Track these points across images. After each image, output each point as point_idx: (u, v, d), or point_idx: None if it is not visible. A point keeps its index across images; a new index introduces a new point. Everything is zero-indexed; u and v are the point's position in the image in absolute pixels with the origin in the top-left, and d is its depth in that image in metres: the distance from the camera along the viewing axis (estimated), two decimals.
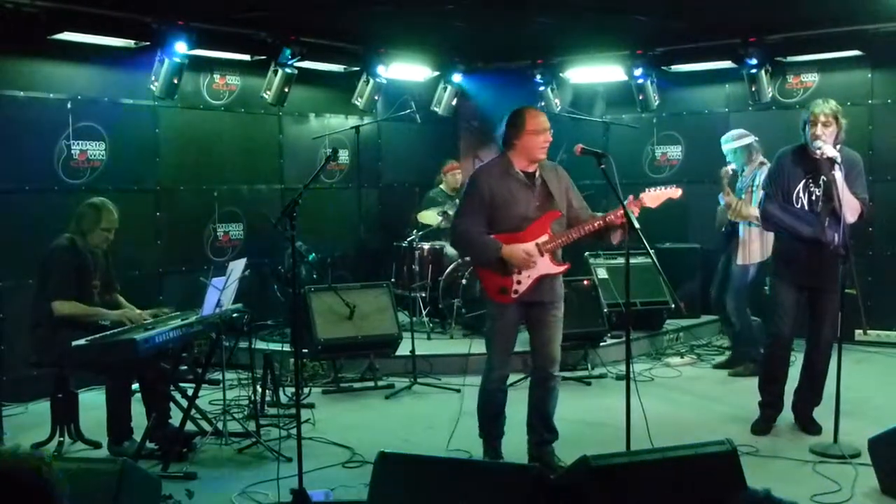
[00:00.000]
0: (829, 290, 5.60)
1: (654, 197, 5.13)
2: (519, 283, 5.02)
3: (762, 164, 7.21)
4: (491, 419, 5.25)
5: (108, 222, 5.77)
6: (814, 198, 5.54)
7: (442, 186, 9.47)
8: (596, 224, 5.06)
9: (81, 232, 5.73)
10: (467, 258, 8.50)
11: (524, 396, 5.36)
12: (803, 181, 5.56)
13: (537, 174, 5.15)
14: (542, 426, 5.28)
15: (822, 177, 5.50)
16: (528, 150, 5.07)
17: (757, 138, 7.41)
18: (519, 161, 5.09)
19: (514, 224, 5.03)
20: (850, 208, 5.36)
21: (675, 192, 5.15)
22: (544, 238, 5.07)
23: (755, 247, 7.20)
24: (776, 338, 5.82)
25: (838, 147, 5.46)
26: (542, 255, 5.03)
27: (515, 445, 5.32)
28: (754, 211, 6.86)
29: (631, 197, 5.04)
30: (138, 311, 5.87)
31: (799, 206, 5.57)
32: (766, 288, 5.90)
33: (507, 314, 5.07)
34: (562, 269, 5.18)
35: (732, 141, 7.41)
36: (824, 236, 5.48)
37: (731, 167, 7.38)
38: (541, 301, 5.12)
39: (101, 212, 5.76)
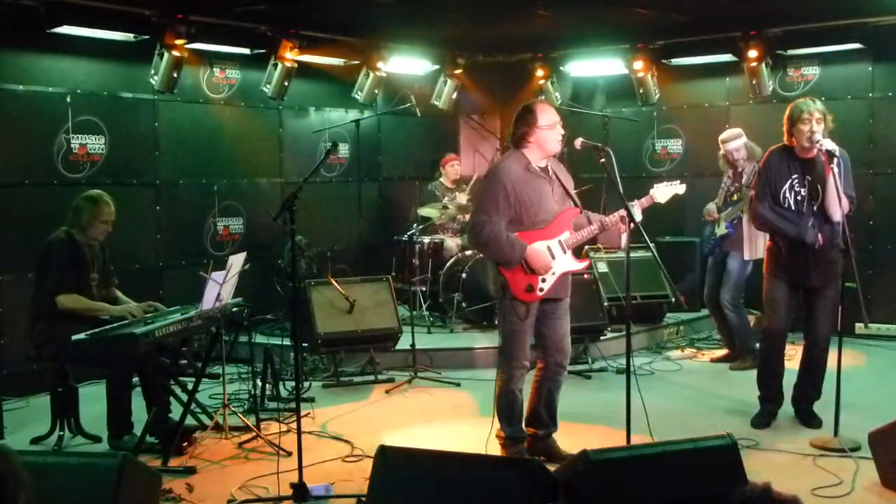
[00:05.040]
0: (821, 287, 5.63)
1: (663, 192, 5.18)
2: (544, 280, 5.01)
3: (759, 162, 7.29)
4: (518, 417, 5.21)
5: (104, 215, 5.76)
6: (799, 198, 5.57)
7: (441, 179, 9.47)
8: (612, 219, 5.07)
9: (79, 225, 5.72)
10: (467, 252, 8.54)
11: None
12: (789, 181, 5.58)
13: (550, 168, 5.14)
14: (549, 419, 5.30)
15: (808, 177, 5.52)
16: (544, 144, 5.04)
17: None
18: (534, 157, 5.05)
19: (536, 221, 5.00)
20: (841, 205, 5.37)
21: (680, 188, 5.23)
22: (566, 235, 5.06)
23: (760, 242, 7.21)
24: (770, 332, 5.85)
25: None
26: (564, 252, 5.05)
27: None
28: None
29: (647, 197, 5.09)
30: (135, 305, 5.87)
31: (786, 205, 5.59)
32: None
33: (529, 311, 5.05)
34: (584, 265, 5.20)
35: (739, 138, 7.43)
36: (807, 236, 5.50)
37: (713, 209, 7.59)
38: (557, 297, 5.12)
39: (98, 205, 5.75)
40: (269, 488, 4.82)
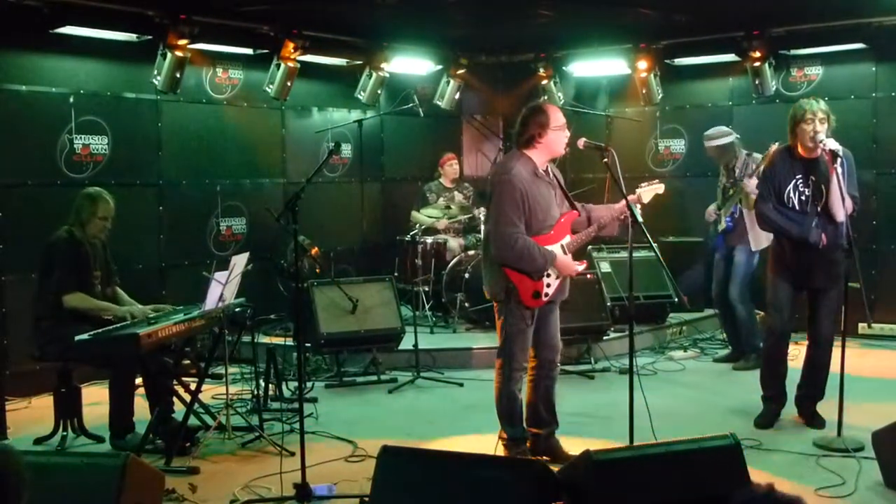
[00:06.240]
0: (825, 287, 5.63)
1: (647, 192, 5.19)
2: (549, 286, 5.02)
3: (748, 154, 7.35)
4: (519, 417, 5.22)
5: (104, 211, 5.77)
6: (803, 198, 5.56)
7: (441, 179, 9.47)
8: (608, 219, 5.09)
9: (80, 223, 5.73)
10: (470, 252, 8.55)
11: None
12: (793, 182, 5.58)
13: (550, 171, 5.14)
14: (550, 416, 5.30)
15: (812, 177, 5.52)
16: (553, 146, 5.03)
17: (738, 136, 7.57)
18: (539, 159, 5.04)
19: (543, 226, 5.00)
20: (844, 205, 5.37)
21: (660, 188, 5.24)
22: (568, 239, 5.08)
23: (762, 233, 7.21)
24: (774, 332, 5.84)
25: None
26: (566, 255, 5.06)
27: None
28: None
29: (633, 196, 5.09)
30: (140, 307, 5.87)
31: (790, 206, 5.59)
32: None
33: (534, 315, 5.06)
34: (583, 267, 5.21)
35: (723, 137, 7.47)
36: (811, 237, 5.50)
37: (713, 209, 7.58)
38: (555, 299, 5.14)
39: (97, 201, 5.75)
40: (272, 488, 4.82)
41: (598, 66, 9.93)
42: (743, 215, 7.32)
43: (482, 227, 8.91)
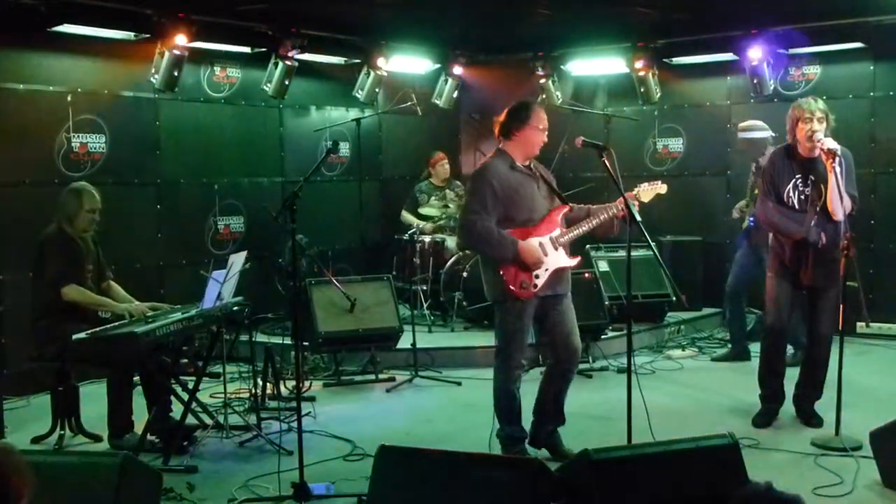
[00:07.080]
0: (824, 287, 5.63)
1: (646, 192, 5.23)
2: (538, 276, 5.04)
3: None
4: (517, 416, 5.23)
5: (90, 204, 5.75)
6: (802, 197, 5.57)
7: (431, 179, 9.47)
8: (605, 216, 5.11)
9: (67, 219, 5.71)
10: (468, 252, 8.54)
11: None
12: (792, 181, 5.59)
13: (533, 167, 5.19)
14: (556, 413, 5.33)
15: (811, 176, 5.52)
16: (528, 144, 5.11)
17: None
18: (516, 153, 5.11)
19: (525, 218, 5.05)
20: (843, 204, 5.38)
21: (662, 188, 5.27)
22: (557, 232, 5.10)
23: None
24: (772, 331, 5.85)
25: None
26: (556, 248, 5.07)
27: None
28: None
29: (630, 193, 5.11)
30: (137, 304, 5.86)
31: (789, 205, 5.60)
32: None
33: (526, 309, 5.08)
34: (576, 261, 5.23)
35: (754, 131, 7.45)
36: (810, 236, 5.50)
37: (740, 207, 7.59)
38: (556, 293, 5.15)
39: (82, 194, 5.75)
40: (270, 488, 4.82)
41: (597, 64, 9.93)
42: None
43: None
